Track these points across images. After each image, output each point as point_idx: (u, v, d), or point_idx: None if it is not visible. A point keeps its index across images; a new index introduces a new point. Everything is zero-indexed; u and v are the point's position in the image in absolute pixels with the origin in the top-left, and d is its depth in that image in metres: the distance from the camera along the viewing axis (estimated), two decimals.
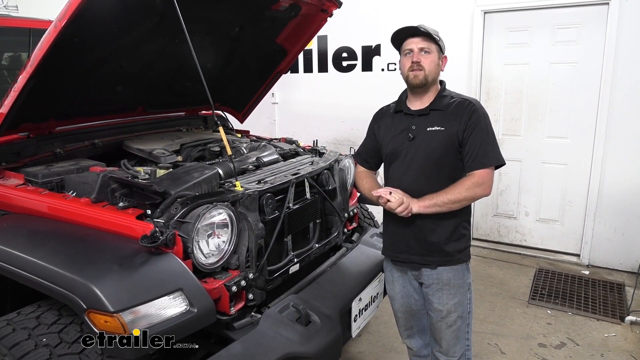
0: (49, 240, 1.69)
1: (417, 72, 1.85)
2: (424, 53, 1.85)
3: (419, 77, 1.85)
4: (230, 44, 2.77)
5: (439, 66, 1.90)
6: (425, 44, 1.85)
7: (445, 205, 1.79)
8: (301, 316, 1.81)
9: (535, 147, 4.21)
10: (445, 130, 1.84)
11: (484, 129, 1.82)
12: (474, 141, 1.81)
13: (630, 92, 3.70)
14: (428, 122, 1.87)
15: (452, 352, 2.00)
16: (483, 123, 1.83)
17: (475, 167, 1.80)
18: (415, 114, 1.91)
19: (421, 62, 1.84)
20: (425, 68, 1.84)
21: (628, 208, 3.85)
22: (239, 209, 1.84)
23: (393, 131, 1.97)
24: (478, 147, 1.80)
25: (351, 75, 4.98)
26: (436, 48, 1.87)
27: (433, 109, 1.88)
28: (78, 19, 1.68)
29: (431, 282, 1.94)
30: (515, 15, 4.09)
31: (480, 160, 1.80)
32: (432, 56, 1.85)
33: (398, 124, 1.96)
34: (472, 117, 1.82)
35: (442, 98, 1.89)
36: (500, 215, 4.54)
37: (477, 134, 1.81)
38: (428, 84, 1.87)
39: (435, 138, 1.85)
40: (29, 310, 1.66)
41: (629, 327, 3.14)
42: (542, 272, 3.96)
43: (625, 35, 3.63)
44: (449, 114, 1.85)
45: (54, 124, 2.31)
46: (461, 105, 1.85)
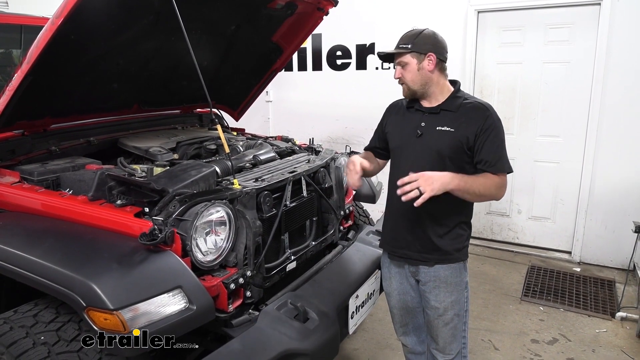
0: (46, 238, 1.68)
1: (402, 86, 1.91)
2: (402, 67, 1.88)
3: (405, 90, 1.91)
4: (226, 42, 2.77)
5: (422, 70, 1.85)
6: (399, 58, 1.88)
7: (472, 192, 1.75)
8: (299, 313, 1.82)
9: (527, 146, 4.25)
10: (455, 131, 1.82)
11: (499, 135, 1.82)
12: (490, 146, 1.79)
13: (621, 91, 3.75)
14: (438, 121, 1.87)
15: (448, 349, 2.01)
16: (498, 128, 1.82)
17: (494, 171, 1.80)
18: (426, 111, 1.91)
19: (402, 77, 1.89)
20: (406, 81, 1.88)
21: (618, 206, 3.91)
22: (236, 206, 1.85)
23: (402, 126, 1.97)
24: (494, 152, 1.79)
25: (345, 73, 4.99)
26: (412, 55, 1.85)
27: (444, 109, 1.87)
28: (75, 17, 1.67)
29: (428, 279, 1.95)
30: (509, 15, 4.13)
31: (497, 166, 1.79)
32: (409, 67, 1.86)
33: (409, 119, 1.96)
34: (487, 121, 1.80)
35: (455, 99, 1.88)
36: (493, 213, 4.59)
37: (494, 138, 1.80)
38: (418, 91, 1.88)
39: (443, 138, 1.84)
40: (26, 308, 1.65)
41: (619, 322, 3.19)
42: (534, 269, 4.00)
43: (616, 35, 3.68)
44: (460, 115, 1.84)
45: (49, 121, 2.30)
46: (476, 109, 1.84)
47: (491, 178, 1.80)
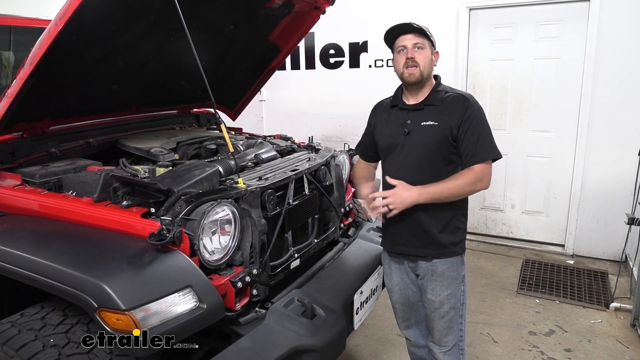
0: (53, 240, 1.68)
1: (412, 69, 1.85)
2: (418, 49, 1.86)
3: (415, 74, 1.86)
4: (223, 42, 2.76)
5: (432, 61, 1.92)
6: (419, 39, 1.86)
7: (445, 197, 1.81)
8: (306, 310, 1.84)
9: (520, 141, 4.31)
10: (439, 124, 1.85)
11: (479, 124, 1.85)
12: (471, 136, 1.83)
13: (611, 86, 3.82)
14: (422, 117, 1.89)
15: (444, 342, 2.03)
16: (478, 117, 1.85)
17: (474, 161, 1.83)
18: (410, 108, 1.93)
19: (415, 57, 1.85)
20: (419, 64, 1.85)
21: (610, 199, 3.98)
22: (242, 205, 1.85)
23: (389, 125, 1.99)
24: (476, 142, 1.83)
25: (339, 71, 5.02)
26: (429, 43, 1.89)
27: (427, 104, 1.90)
28: (78, 17, 1.67)
29: (425, 273, 1.98)
30: (500, 12, 4.18)
31: (479, 155, 1.83)
32: (425, 51, 1.87)
33: (394, 118, 1.98)
34: (467, 111, 1.84)
35: (437, 93, 1.91)
36: (487, 208, 4.65)
37: (474, 128, 1.83)
38: (424, 80, 1.89)
39: (429, 132, 1.87)
40: (33, 311, 1.65)
41: (613, 313, 3.26)
42: (528, 263, 4.07)
43: (605, 31, 3.75)
44: (443, 108, 1.87)
45: (48, 123, 2.28)
46: (456, 100, 1.87)
47: (464, 176, 1.82)
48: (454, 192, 1.81)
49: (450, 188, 1.81)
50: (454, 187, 1.81)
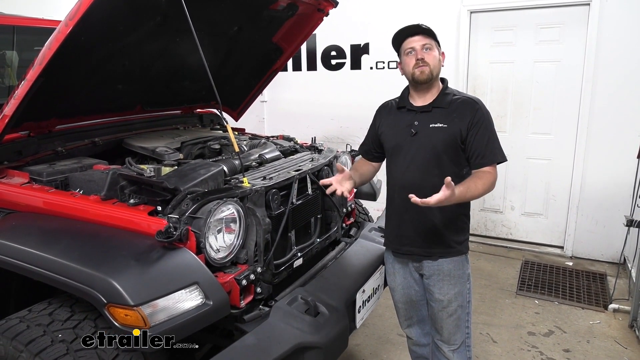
0: (62, 237, 1.70)
1: (422, 67, 1.88)
2: (426, 50, 1.89)
3: (425, 72, 1.88)
4: (228, 43, 2.79)
5: (440, 61, 1.95)
6: (427, 40, 1.90)
7: (466, 198, 1.80)
8: (310, 307, 1.86)
9: (520, 143, 4.35)
10: (447, 127, 1.88)
11: (488, 127, 1.88)
12: (481, 139, 1.86)
13: (610, 89, 3.85)
14: (430, 119, 1.92)
15: (453, 340, 2.07)
16: (487, 121, 1.89)
17: (484, 163, 1.85)
18: (417, 110, 1.96)
19: (425, 58, 1.88)
20: (429, 63, 1.88)
21: (608, 201, 4.01)
22: (247, 204, 1.88)
23: (396, 126, 2.01)
24: (485, 145, 1.85)
25: (340, 73, 5.04)
26: (436, 44, 1.92)
27: (435, 106, 1.93)
28: (88, 18, 1.69)
29: (432, 273, 2.01)
30: (501, 15, 4.21)
31: (488, 157, 1.85)
32: (433, 52, 1.90)
33: (401, 119, 2.00)
34: (477, 115, 1.87)
35: (445, 96, 1.94)
36: (486, 209, 4.68)
37: (483, 131, 1.86)
38: (433, 78, 1.92)
39: (437, 134, 1.89)
40: (41, 307, 1.67)
41: (612, 314, 3.29)
42: (528, 264, 4.09)
43: (605, 34, 3.78)
44: (452, 111, 1.90)
45: (54, 122, 2.31)
46: (465, 104, 1.90)
47: (483, 177, 1.83)
48: (474, 193, 1.79)
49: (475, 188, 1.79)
50: (476, 191, 1.79)
